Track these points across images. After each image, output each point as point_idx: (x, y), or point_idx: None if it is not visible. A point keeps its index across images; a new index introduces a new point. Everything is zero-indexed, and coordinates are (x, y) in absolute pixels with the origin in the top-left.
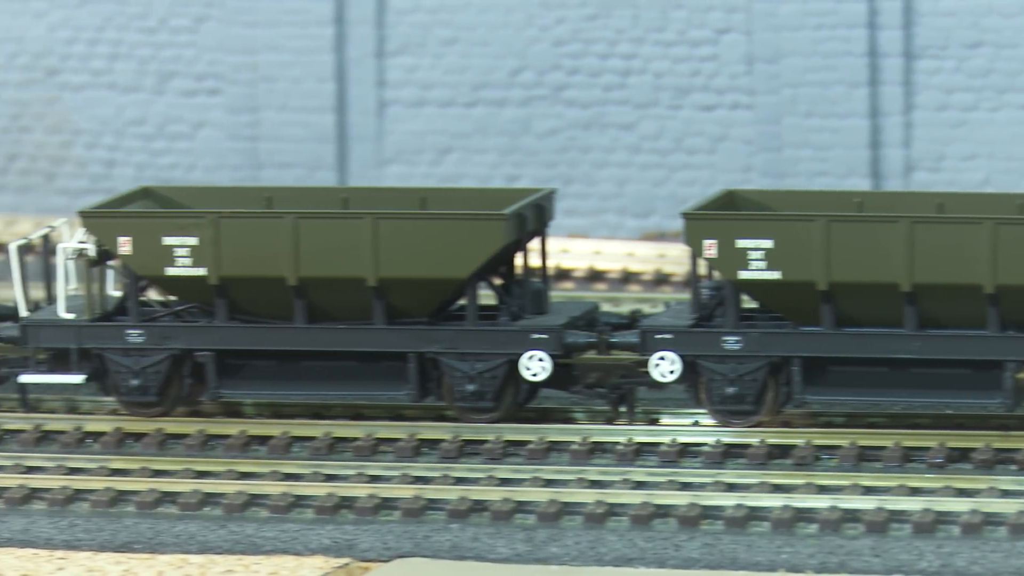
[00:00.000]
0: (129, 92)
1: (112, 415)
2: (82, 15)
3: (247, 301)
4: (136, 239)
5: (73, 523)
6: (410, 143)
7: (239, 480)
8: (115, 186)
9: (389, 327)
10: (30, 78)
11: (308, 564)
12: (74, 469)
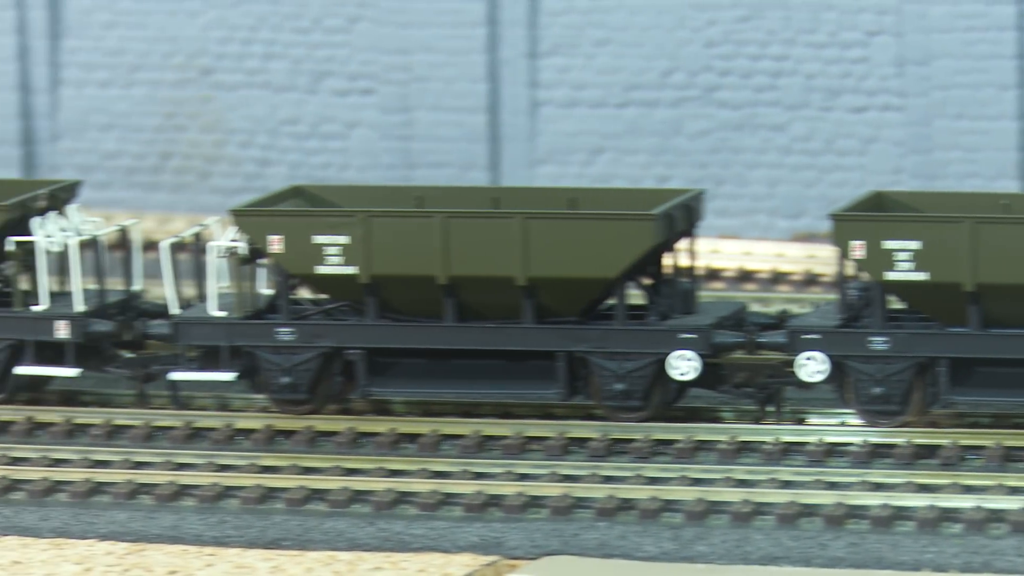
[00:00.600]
0: (283, 91)
1: (262, 412)
2: (236, 15)
3: (397, 300)
4: (287, 237)
5: (223, 520)
6: (562, 143)
7: (388, 478)
8: (268, 185)
9: (538, 326)
10: (185, 77)
11: (456, 561)
12: (224, 466)
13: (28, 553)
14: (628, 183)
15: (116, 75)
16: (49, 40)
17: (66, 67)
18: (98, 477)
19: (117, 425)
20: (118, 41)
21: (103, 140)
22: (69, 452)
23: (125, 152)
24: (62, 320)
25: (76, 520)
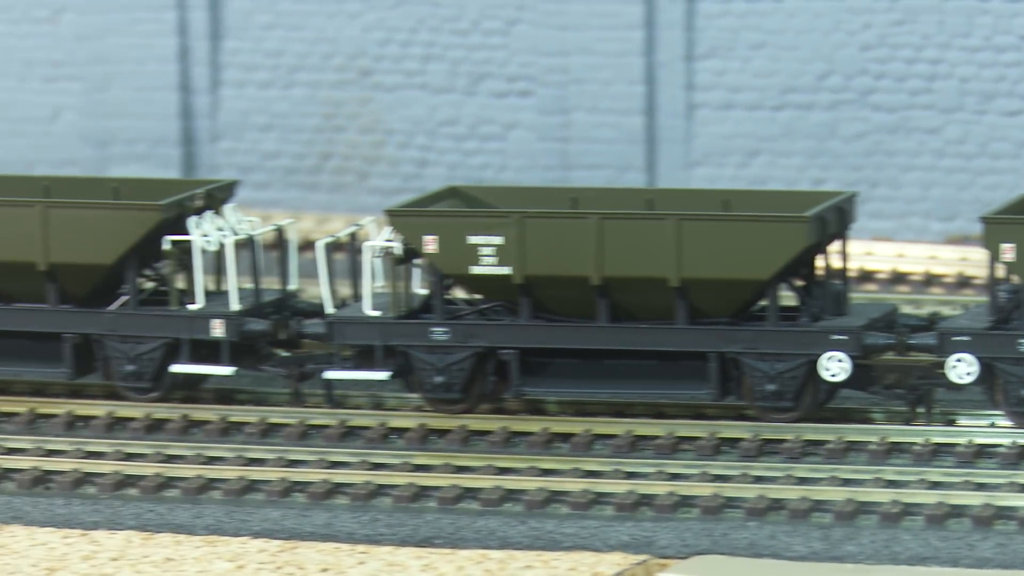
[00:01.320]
0: (441, 93)
1: (416, 411)
2: (396, 17)
3: (550, 300)
4: (442, 238)
5: (375, 518)
6: (718, 145)
7: (540, 477)
8: (426, 185)
9: (691, 327)
10: (344, 78)
11: (607, 560)
12: (377, 464)
13: (181, 550)
14: (783, 185)
15: (276, 76)
16: (210, 41)
17: (226, 68)
18: (252, 475)
19: (272, 423)
20: (278, 42)
21: (263, 140)
22: (223, 450)
23: (284, 152)
24: (218, 319)
25: (229, 517)
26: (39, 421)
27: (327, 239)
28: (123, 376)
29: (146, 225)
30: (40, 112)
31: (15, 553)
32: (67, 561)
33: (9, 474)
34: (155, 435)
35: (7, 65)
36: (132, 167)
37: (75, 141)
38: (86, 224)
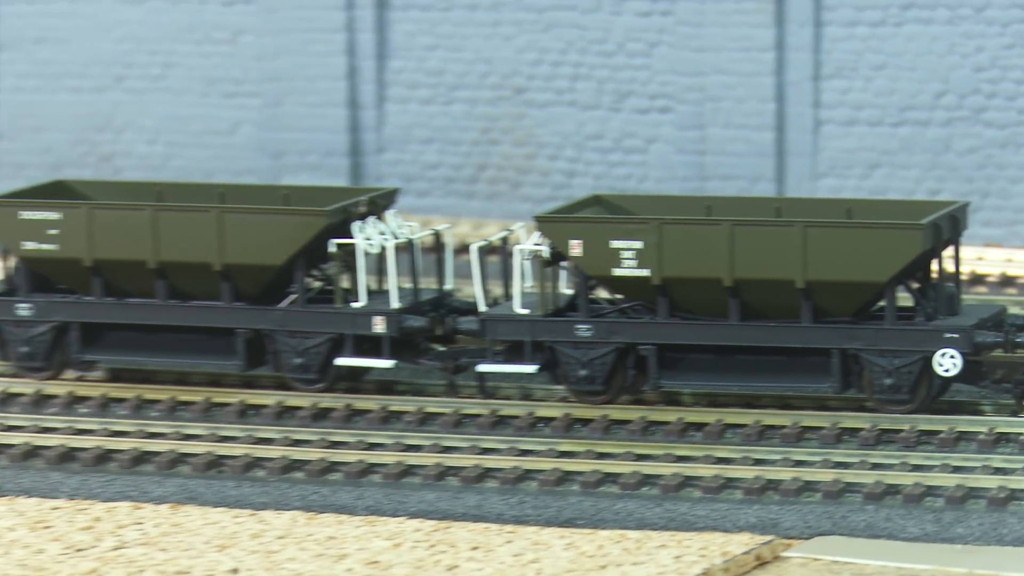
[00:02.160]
0: (588, 109)
1: (561, 402)
2: (547, 39)
3: (685, 300)
4: (586, 242)
5: (522, 500)
6: (842, 159)
7: (675, 463)
8: (574, 194)
9: (815, 325)
10: (499, 95)
11: (735, 540)
12: (525, 451)
13: (343, 529)
14: (902, 195)
15: (437, 93)
16: (376, 61)
17: (391, 86)
18: (409, 460)
19: (428, 412)
20: (439, 62)
21: (424, 152)
22: (383, 437)
23: (444, 163)
24: (379, 316)
25: (388, 499)
26: (214, 409)
27: (481, 243)
28: (291, 368)
29: (313, 229)
30: (220, 125)
31: (189, 531)
32: (237, 539)
33: (185, 458)
34: (320, 423)
35: (190, 82)
36: (304, 176)
37: (252, 152)
38: (258, 228)
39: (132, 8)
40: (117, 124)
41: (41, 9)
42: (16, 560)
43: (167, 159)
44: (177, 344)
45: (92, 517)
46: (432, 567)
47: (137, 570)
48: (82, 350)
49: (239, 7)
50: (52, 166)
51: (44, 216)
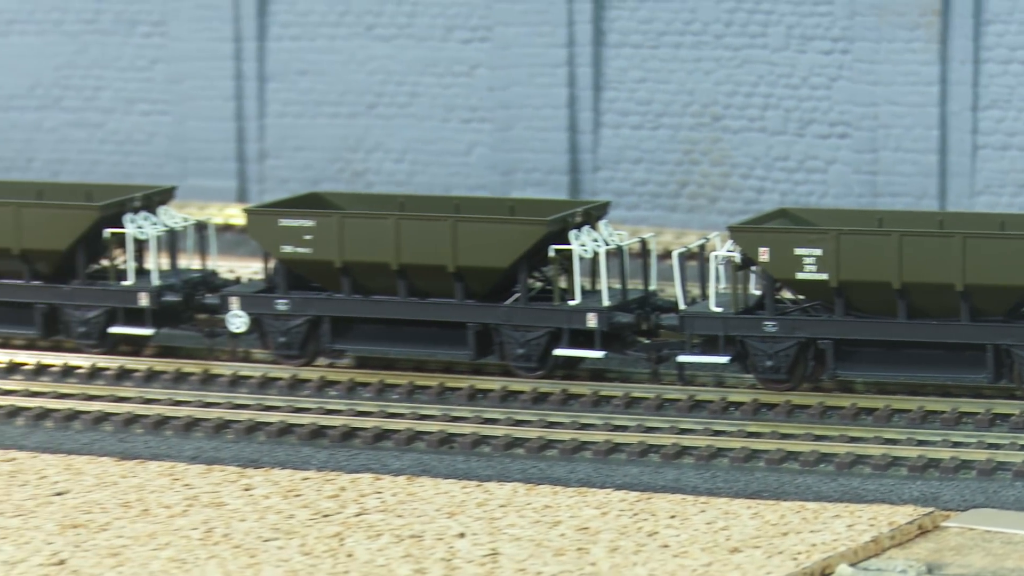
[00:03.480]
0: (776, 134)
1: (750, 389)
2: (741, 73)
3: (859, 300)
4: (773, 249)
5: (715, 474)
6: (996, 179)
7: (849, 443)
8: (762, 208)
9: (972, 323)
10: (699, 122)
11: (900, 512)
12: (718, 431)
13: (557, 499)
14: None
15: (645, 120)
16: (593, 91)
17: (605, 113)
18: (616, 439)
19: (633, 397)
20: (647, 92)
21: (633, 171)
22: (594, 418)
23: (650, 180)
24: (592, 312)
25: (597, 473)
26: (446, 393)
27: (682, 249)
28: (515, 357)
29: (535, 236)
30: (458, 147)
31: (423, 500)
32: (464, 507)
33: (421, 436)
34: (539, 405)
35: (432, 109)
36: (529, 191)
37: (485, 170)
38: (488, 235)
39: (382, 45)
40: (368, 145)
41: (304, 45)
42: (270, 524)
43: (411, 175)
44: (415, 336)
45: (338, 487)
46: (635, 533)
47: (376, 534)
48: (332, 340)
49: (475, 44)
50: (311, 181)
51: (301, 223)
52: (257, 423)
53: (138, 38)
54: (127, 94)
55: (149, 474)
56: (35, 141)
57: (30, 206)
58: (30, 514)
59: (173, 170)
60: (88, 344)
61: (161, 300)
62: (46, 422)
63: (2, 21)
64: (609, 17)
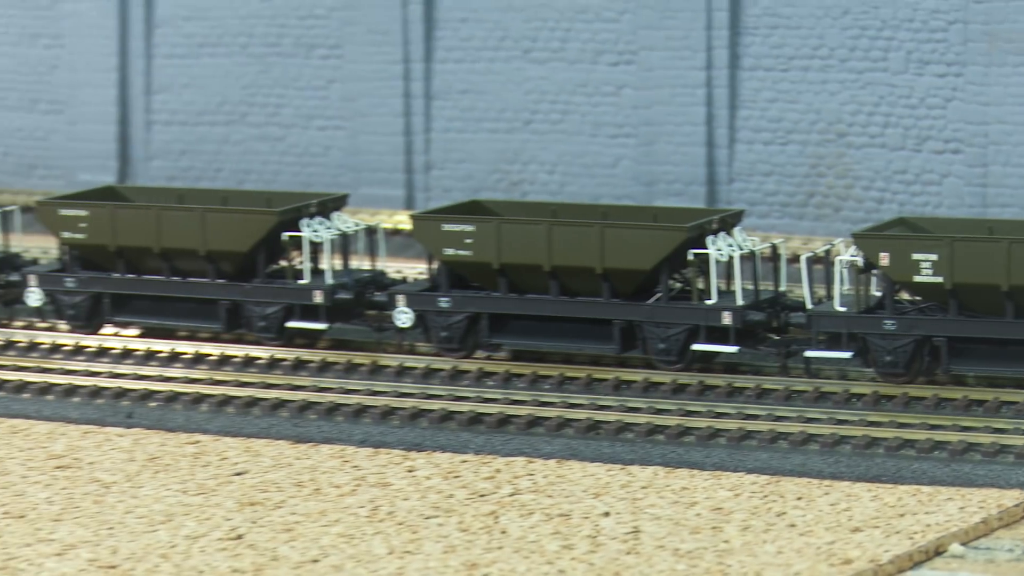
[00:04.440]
0: (895, 150)
1: (871, 382)
2: (864, 94)
3: (971, 301)
4: (893, 254)
5: (838, 460)
6: None
7: (961, 432)
8: (882, 217)
9: None
10: (825, 138)
11: (1008, 495)
12: (841, 420)
13: (694, 481)
14: None
15: (775, 136)
16: (728, 110)
17: (740, 130)
18: (748, 426)
19: (764, 388)
20: (778, 111)
21: (765, 183)
22: (728, 407)
23: (780, 191)
24: (727, 311)
25: (730, 458)
26: (594, 384)
27: (809, 254)
28: (656, 352)
29: (676, 241)
30: (605, 160)
31: (571, 482)
32: (609, 488)
33: (569, 423)
34: (678, 396)
35: (582, 126)
36: (670, 200)
37: (629, 181)
38: (632, 240)
39: (537, 67)
40: (524, 158)
41: (467, 67)
42: (431, 503)
43: (562, 186)
44: (565, 331)
45: (493, 469)
46: (765, 513)
47: (528, 513)
48: (490, 335)
49: (622, 67)
50: (471, 190)
51: (462, 228)
52: (420, 410)
53: (316, 60)
54: (306, 111)
55: (321, 456)
56: (222, 153)
57: (216, 211)
58: (212, 492)
59: (347, 180)
60: (267, 337)
61: (334, 297)
62: (228, 408)
63: (194, 44)
64: (744, 43)
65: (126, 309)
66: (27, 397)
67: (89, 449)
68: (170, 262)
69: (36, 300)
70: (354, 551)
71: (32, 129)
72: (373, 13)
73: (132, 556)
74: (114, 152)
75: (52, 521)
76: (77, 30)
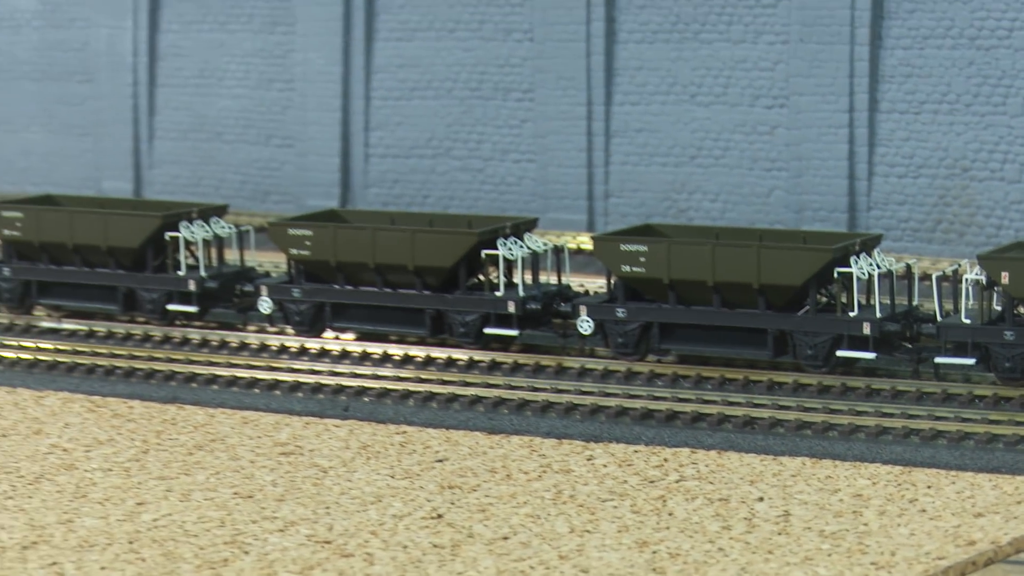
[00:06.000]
0: (1013, 183)
1: (992, 385)
2: (986, 134)
3: None
4: (1012, 273)
5: (963, 453)
6: None
7: None
8: (1001, 241)
9: None
10: (951, 173)
11: None
12: (965, 418)
13: (837, 471)
14: None
15: (908, 170)
16: (868, 148)
17: (878, 164)
18: (884, 423)
19: (899, 390)
20: (910, 148)
21: (899, 211)
22: (866, 406)
23: (912, 218)
24: (867, 322)
25: (869, 450)
26: (750, 384)
27: (938, 273)
28: (804, 357)
29: (823, 261)
30: (760, 190)
31: (729, 470)
32: (762, 476)
33: (728, 418)
34: (823, 396)
35: (741, 160)
36: (816, 225)
37: (781, 209)
38: (785, 259)
39: (702, 109)
40: (690, 187)
41: (641, 109)
42: (607, 488)
43: (723, 212)
44: (725, 338)
45: (662, 458)
46: (899, 499)
47: (692, 497)
48: (660, 341)
49: (776, 110)
50: (644, 215)
51: (637, 248)
52: (599, 406)
53: (511, 102)
54: (502, 146)
55: (512, 446)
56: (429, 182)
57: (424, 231)
58: (416, 477)
59: (537, 205)
60: (467, 342)
61: (525, 307)
62: (431, 403)
63: (407, 88)
64: (882, 89)
65: (344, 316)
66: (257, 392)
67: (310, 438)
68: (383, 276)
69: (267, 308)
70: (540, 529)
71: (267, 161)
72: (561, 62)
73: (345, 532)
74: (337, 181)
75: (276, 501)
76: (307, 76)
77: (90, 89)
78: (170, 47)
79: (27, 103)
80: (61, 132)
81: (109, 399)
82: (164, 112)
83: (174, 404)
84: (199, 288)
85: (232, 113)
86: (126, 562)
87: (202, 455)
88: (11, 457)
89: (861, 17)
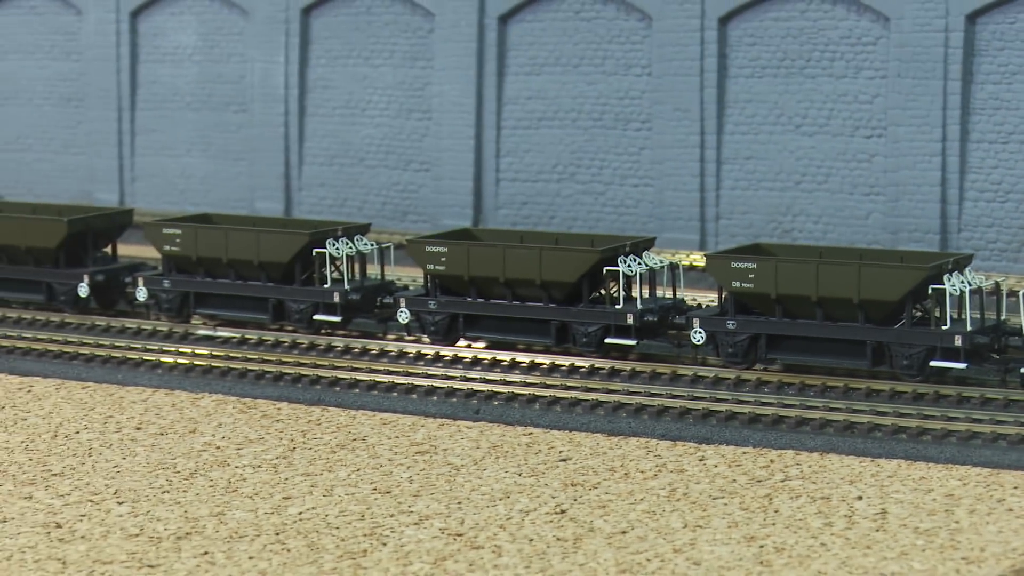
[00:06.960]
0: None
1: None
2: None
3: None
4: None
5: None
6: None
7: None
8: None
9: None
10: None
11: None
12: None
13: (930, 472)
14: None
15: (996, 195)
16: (959, 175)
17: (968, 190)
18: (975, 428)
19: (987, 397)
20: (998, 176)
21: (987, 232)
22: (958, 412)
23: (999, 240)
24: (958, 334)
25: (959, 453)
26: (849, 392)
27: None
28: (900, 367)
29: (918, 278)
30: (859, 213)
31: (830, 471)
32: (861, 477)
33: (830, 423)
34: (917, 402)
35: (841, 186)
36: (911, 246)
37: (879, 230)
38: (883, 276)
39: (807, 138)
40: (795, 210)
41: (750, 138)
42: (718, 486)
43: (825, 233)
44: (827, 349)
45: (768, 460)
46: (988, 499)
47: (796, 495)
48: (767, 351)
49: (874, 139)
50: (753, 236)
51: (746, 265)
52: (710, 411)
53: (631, 131)
54: (622, 171)
55: (630, 447)
56: (555, 204)
57: (550, 249)
58: (540, 475)
59: (653, 226)
60: (588, 350)
61: (643, 319)
62: (556, 407)
63: (535, 118)
64: (972, 121)
65: (476, 327)
66: (395, 395)
67: (443, 438)
68: (512, 289)
69: (405, 318)
70: (655, 525)
71: (406, 184)
72: (677, 94)
73: (476, 526)
74: (470, 202)
75: (412, 496)
76: (443, 106)
77: (245, 118)
78: (318, 80)
79: (187, 130)
80: (218, 157)
81: (259, 401)
82: (312, 139)
83: (319, 406)
84: (343, 300)
85: (374, 140)
86: (272, 552)
87: (344, 453)
88: (168, 454)
89: (954, 54)
